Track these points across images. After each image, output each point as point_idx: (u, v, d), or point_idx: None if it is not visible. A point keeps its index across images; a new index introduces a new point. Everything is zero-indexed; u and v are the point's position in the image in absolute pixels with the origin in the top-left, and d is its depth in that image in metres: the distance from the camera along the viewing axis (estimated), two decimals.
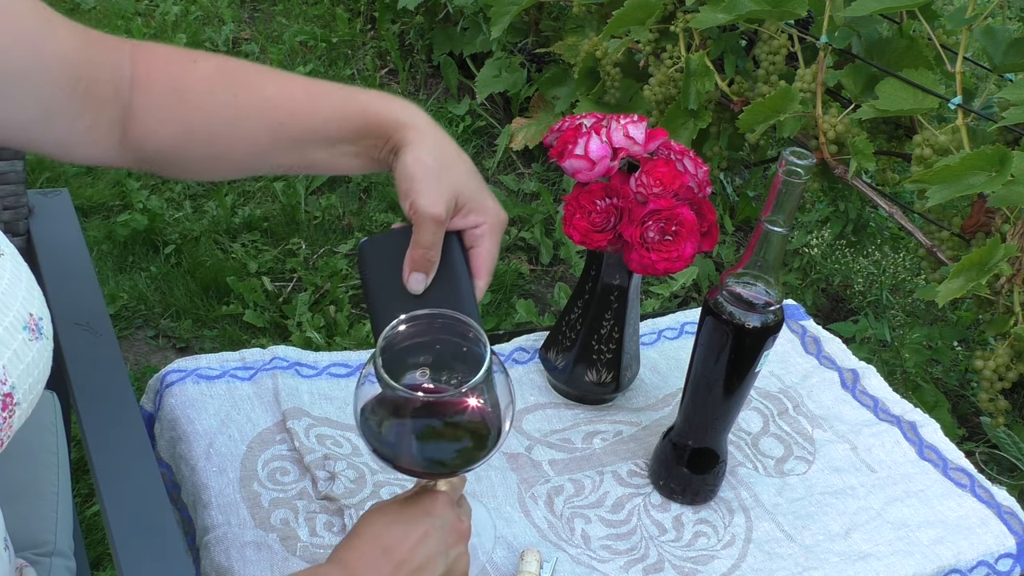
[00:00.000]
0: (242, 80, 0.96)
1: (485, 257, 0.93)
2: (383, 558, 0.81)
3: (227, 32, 3.46)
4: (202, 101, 0.94)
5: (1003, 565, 1.10)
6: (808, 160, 0.91)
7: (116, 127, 0.92)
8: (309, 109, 0.95)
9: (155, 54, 0.95)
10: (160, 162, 0.96)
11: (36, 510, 1.08)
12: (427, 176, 0.91)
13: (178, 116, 0.94)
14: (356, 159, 0.96)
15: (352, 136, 0.95)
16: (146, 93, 0.93)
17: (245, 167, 0.99)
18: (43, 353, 0.71)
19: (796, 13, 1.79)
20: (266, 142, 0.95)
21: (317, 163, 0.97)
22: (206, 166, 0.98)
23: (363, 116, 0.94)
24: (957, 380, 2.31)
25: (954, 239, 1.71)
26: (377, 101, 0.96)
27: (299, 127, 0.95)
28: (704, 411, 1.07)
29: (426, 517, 0.84)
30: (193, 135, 0.94)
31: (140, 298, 2.36)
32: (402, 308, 0.85)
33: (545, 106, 2.67)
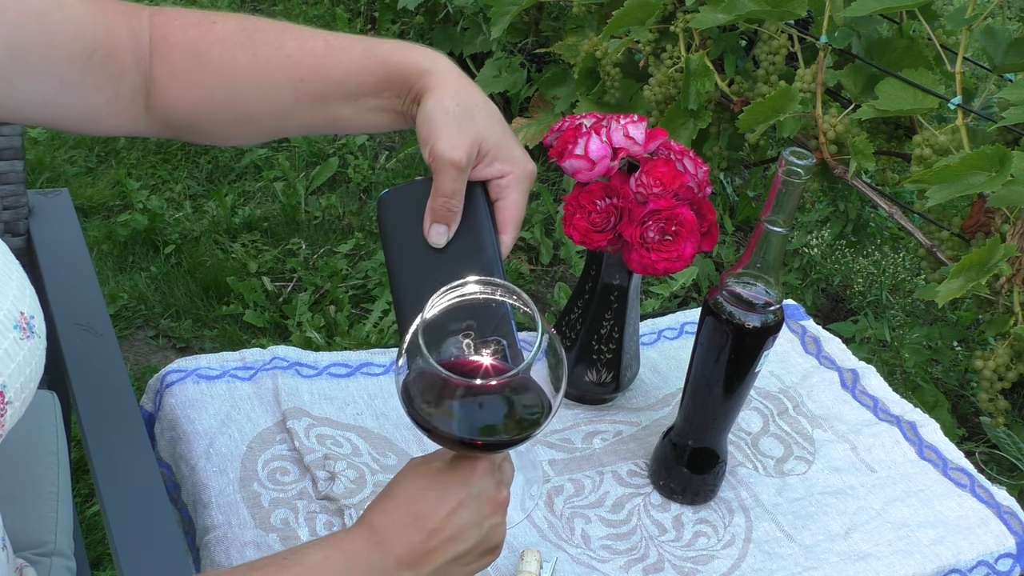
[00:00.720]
0: (261, 39, 0.93)
1: (512, 210, 0.89)
2: (414, 525, 0.79)
3: None
4: (222, 63, 0.92)
5: (1003, 565, 1.10)
6: (808, 160, 0.91)
7: (139, 96, 0.91)
8: (330, 63, 0.92)
9: (172, 18, 0.93)
10: (186, 128, 0.95)
11: (36, 510, 1.08)
12: (447, 120, 0.87)
13: (199, 81, 0.92)
14: (382, 114, 0.93)
15: (375, 89, 0.91)
16: (166, 59, 0.91)
17: (271, 128, 0.97)
18: (35, 352, 0.71)
19: (796, 13, 1.79)
20: (289, 100, 0.92)
21: (342, 119, 0.94)
22: (232, 130, 0.96)
23: (384, 67, 0.91)
24: (957, 380, 2.31)
25: (954, 239, 1.71)
26: (400, 50, 0.92)
27: (321, 83, 0.92)
28: (704, 411, 1.07)
29: (462, 486, 0.81)
30: (215, 99, 0.92)
31: (140, 298, 2.36)
32: (423, 264, 0.82)
33: (545, 106, 2.67)
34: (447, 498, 0.80)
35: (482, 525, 0.81)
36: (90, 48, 0.86)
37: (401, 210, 0.88)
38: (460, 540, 0.80)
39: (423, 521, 0.79)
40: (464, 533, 0.80)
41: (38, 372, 0.72)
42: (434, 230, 0.86)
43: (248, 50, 0.92)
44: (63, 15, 0.85)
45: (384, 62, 0.91)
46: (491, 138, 0.88)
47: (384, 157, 2.96)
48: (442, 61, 0.91)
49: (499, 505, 0.83)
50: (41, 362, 0.73)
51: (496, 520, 0.83)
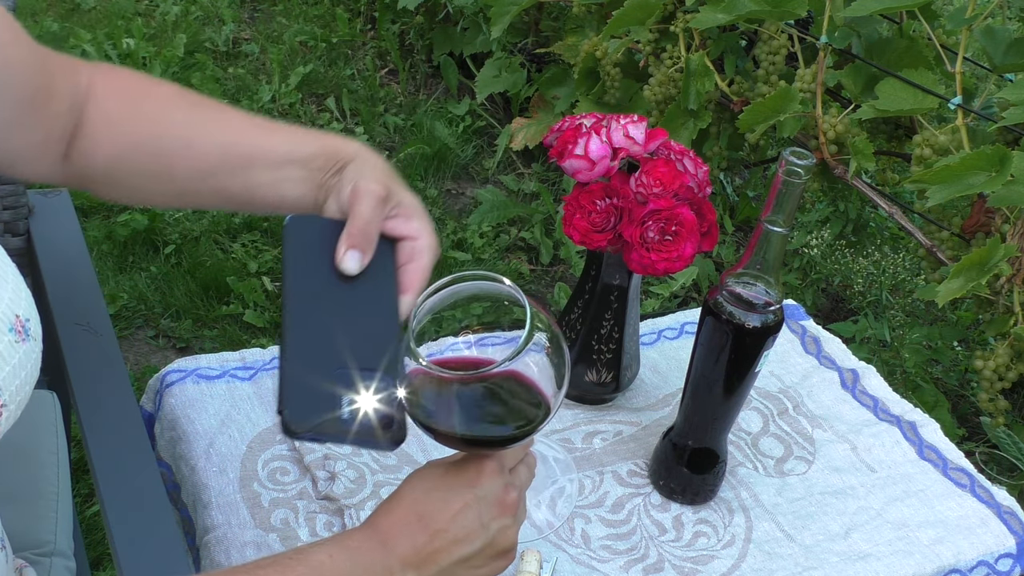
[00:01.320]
0: (201, 102, 0.96)
1: (419, 274, 0.86)
2: (418, 525, 0.79)
3: (227, 32, 3.46)
4: (157, 115, 0.94)
5: (1003, 565, 1.10)
6: (808, 160, 0.91)
7: (63, 143, 0.92)
8: (264, 129, 0.95)
9: (116, 73, 0.96)
10: (101, 178, 0.95)
11: (36, 510, 1.08)
12: (370, 169, 0.89)
13: (129, 128, 0.93)
14: (300, 185, 0.93)
15: (305, 157, 0.92)
16: (100, 104, 0.93)
17: (186, 188, 0.96)
18: (30, 355, 0.71)
19: (796, 13, 1.79)
20: (215, 160, 0.93)
21: (258, 187, 0.94)
22: (147, 184, 0.96)
23: (318, 141, 0.93)
24: (957, 380, 2.31)
25: (954, 239, 1.71)
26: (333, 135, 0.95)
27: (252, 145, 0.93)
28: (704, 411, 1.07)
29: (468, 488, 0.81)
30: (141, 148, 0.93)
31: (140, 298, 2.36)
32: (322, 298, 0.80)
33: (545, 106, 2.67)
34: (452, 499, 0.80)
35: (488, 527, 0.81)
36: (34, 88, 0.87)
37: (307, 239, 0.86)
38: (465, 542, 0.80)
39: (427, 522, 0.79)
40: (469, 535, 0.80)
41: (33, 375, 0.72)
42: (349, 255, 0.83)
43: (187, 110, 0.95)
44: (18, 52, 0.86)
45: (318, 138, 0.94)
46: (409, 199, 0.89)
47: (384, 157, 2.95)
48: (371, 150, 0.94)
49: (507, 507, 0.82)
50: (37, 365, 0.72)
51: (504, 523, 0.82)
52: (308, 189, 0.93)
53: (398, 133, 3.10)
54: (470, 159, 3.03)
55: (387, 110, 3.20)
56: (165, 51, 3.23)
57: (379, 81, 3.34)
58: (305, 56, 3.39)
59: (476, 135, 3.11)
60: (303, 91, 3.21)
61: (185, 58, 3.26)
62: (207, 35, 3.45)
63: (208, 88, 3.09)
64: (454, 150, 3.00)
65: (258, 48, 3.43)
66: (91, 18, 3.47)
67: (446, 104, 3.21)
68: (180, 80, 3.15)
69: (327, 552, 0.77)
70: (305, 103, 3.18)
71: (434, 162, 2.94)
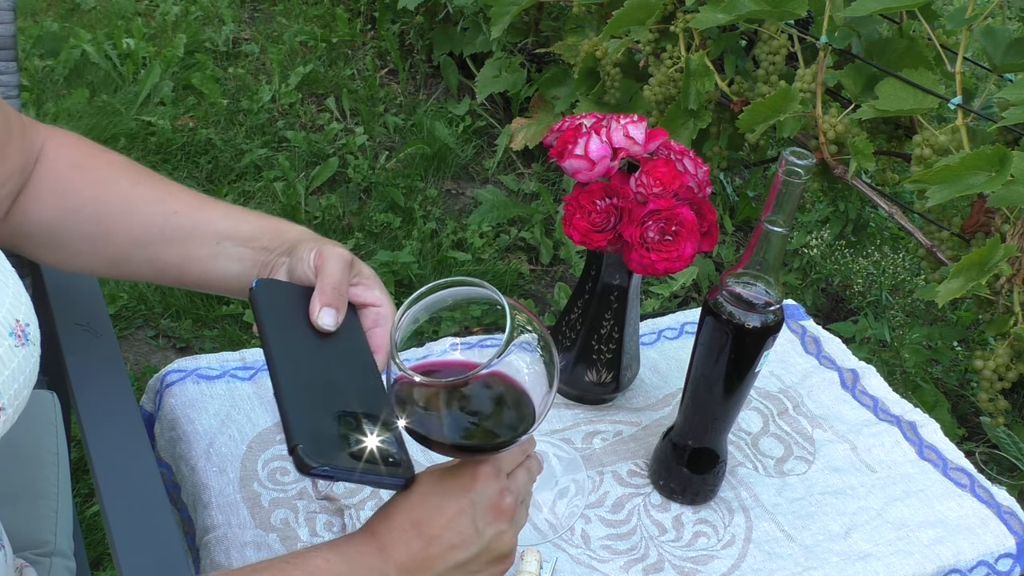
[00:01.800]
0: (147, 174, 0.98)
1: (385, 337, 0.88)
2: (413, 531, 0.80)
3: (227, 32, 3.46)
4: (103, 180, 0.96)
5: (1003, 565, 1.10)
6: (808, 160, 0.91)
7: (9, 200, 0.93)
8: (207, 204, 0.97)
9: (69, 137, 0.98)
10: (38, 237, 0.96)
11: (36, 510, 1.08)
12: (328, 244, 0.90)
13: (74, 189, 0.95)
14: (240, 263, 0.94)
15: (246, 236, 0.94)
16: (51, 166, 0.95)
17: (123, 255, 0.97)
18: (29, 359, 0.71)
19: (796, 13, 1.79)
20: (155, 229, 0.95)
21: (196, 260, 0.95)
22: (83, 247, 0.97)
23: (260, 221, 0.95)
24: (957, 380, 2.31)
25: (954, 239, 1.71)
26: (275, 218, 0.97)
27: (191, 218, 0.95)
28: (704, 411, 1.07)
29: (462, 493, 0.81)
30: (83, 211, 0.95)
31: (140, 298, 2.36)
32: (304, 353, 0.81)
33: (545, 106, 2.67)
34: (447, 505, 0.80)
35: (483, 533, 0.81)
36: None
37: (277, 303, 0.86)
38: (461, 548, 0.80)
39: (422, 528, 0.80)
40: (464, 541, 0.80)
41: (32, 380, 0.72)
42: (324, 312, 0.85)
43: (132, 178, 0.97)
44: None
45: (260, 216, 0.96)
46: (368, 271, 0.92)
47: (384, 157, 2.96)
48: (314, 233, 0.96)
49: (502, 512, 0.82)
50: (35, 370, 0.72)
51: (500, 528, 0.82)
52: (248, 267, 0.94)
53: (398, 133, 3.10)
54: (470, 159, 3.03)
55: (387, 110, 3.20)
56: (165, 51, 3.23)
57: (379, 81, 3.34)
58: (305, 56, 3.39)
59: (476, 135, 3.11)
60: (303, 91, 3.21)
61: (185, 58, 3.26)
62: (207, 35, 3.45)
63: (208, 88, 3.09)
64: (454, 150, 3.00)
65: (258, 48, 3.43)
66: (91, 18, 3.47)
67: (446, 104, 3.21)
68: (180, 80, 3.15)
69: (324, 556, 0.78)
70: (305, 103, 3.17)
71: (434, 162, 2.94)
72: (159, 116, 2.96)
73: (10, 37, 1.19)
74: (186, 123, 2.97)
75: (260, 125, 3.02)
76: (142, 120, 2.93)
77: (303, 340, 0.84)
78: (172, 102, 3.06)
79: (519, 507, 0.85)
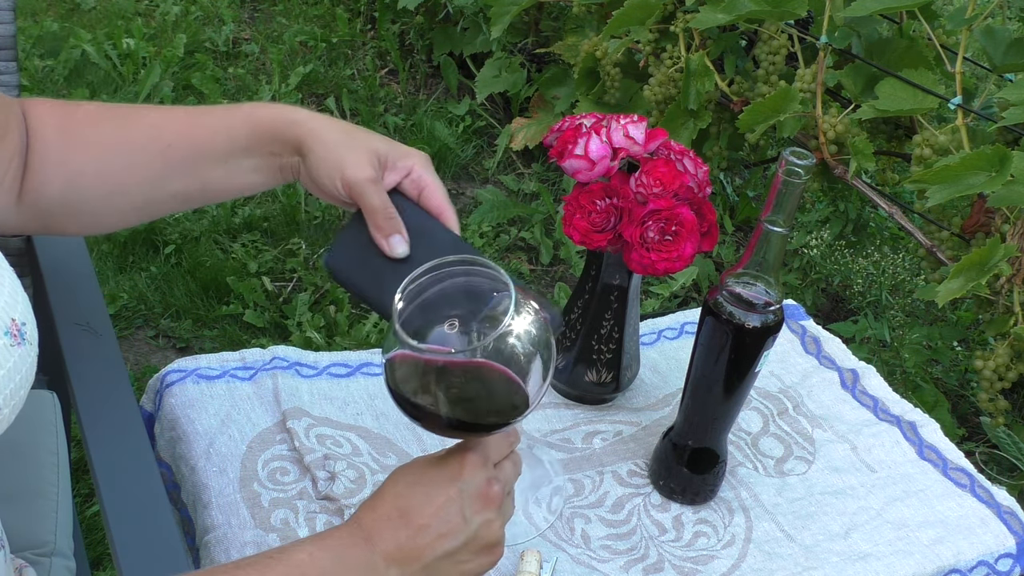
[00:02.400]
0: (123, 113, 0.98)
1: (436, 192, 0.93)
2: (400, 521, 0.79)
3: (227, 32, 3.46)
4: (90, 137, 0.96)
5: (1003, 565, 1.10)
6: (808, 160, 0.91)
7: (17, 183, 0.93)
8: (193, 126, 0.96)
9: (41, 105, 0.97)
10: (60, 212, 0.96)
11: (36, 510, 1.08)
12: (339, 149, 0.92)
13: (70, 157, 0.95)
14: (256, 174, 0.96)
15: (245, 146, 0.95)
16: (38, 139, 0.94)
17: (143, 199, 0.98)
18: (25, 359, 0.71)
19: (796, 13, 1.79)
20: (158, 167, 0.95)
21: (214, 182, 0.97)
22: (106, 205, 0.97)
23: (249, 124, 0.95)
24: (957, 380, 2.31)
25: (954, 239, 1.71)
26: (260, 107, 0.97)
27: (187, 146, 0.95)
28: (704, 411, 1.07)
29: (450, 482, 0.81)
30: (86, 173, 0.95)
31: (140, 298, 2.36)
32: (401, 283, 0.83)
33: (545, 106, 2.67)
34: (434, 494, 0.80)
35: (471, 521, 0.81)
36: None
37: (349, 259, 0.91)
38: (449, 536, 0.80)
39: (409, 517, 0.79)
40: (452, 529, 0.80)
41: (28, 379, 0.72)
42: (391, 243, 0.90)
43: (112, 123, 0.96)
44: None
45: (247, 118, 0.96)
46: (382, 146, 0.94)
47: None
48: (302, 110, 0.96)
49: (490, 500, 0.82)
50: (32, 369, 0.72)
51: (487, 516, 0.82)
52: (268, 175, 0.97)
53: (398, 133, 3.10)
54: (470, 159, 3.03)
55: (387, 110, 3.20)
56: (165, 51, 3.23)
57: (379, 81, 3.34)
58: (305, 56, 3.39)
59: (476, 135, 3.11)
60: (303, 91, 3.21)
61: (185, 58, 3.26)
62: (207, 35, 3.45)
63: (208, 88, 3.09)
64: (454, 150, 3.00)
65: (258, 48, 3.43)
66: (91, 18, 3.47)
67: (446, 104, 3.21)
68: (180, 80, 3.15)
69: (308, 551, 0.77)
70: (305, 103, 3.18)
71: (434, 162, 2.93)
72: None
73: (10, 37, 1.19)
74: None
75: None
76: None
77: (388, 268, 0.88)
78: (172, 102, 3.06)
79: (506, 497, 0.84)
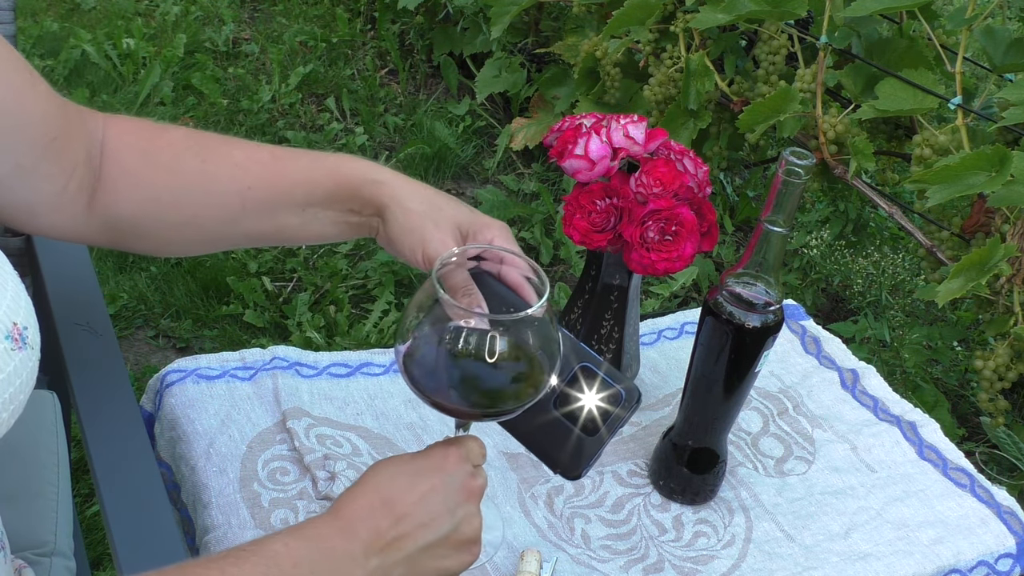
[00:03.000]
0: (210, 145, 0.97)
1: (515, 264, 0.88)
2: (381, 510, 0.77)
3: (227, 32, 3.46)
4: (171, 165, 0.95)
5: (1003, 565, 1.10)
6: (808, 160, 0.91)
7: (84, 192, 0.92)
8: (277, 172, 0.95)
9: (125, 122, 0.96)
10: (128, 229, 0.96)
11: (36, 510, 1.08)
12: (424, 223, 0.90)
13: (147, 180, 0.94)
14: (333, 226, 0.96)
15: (324, 200, 0.94)
16: (117, 158, 0.94)
17: (216, 235, 0.98)
18: (26, 363, 0.70)
19: (796, 13, 1.79)
20: (236, 207, 0.95)
21: (289, 229, 0.96)
22: (175, 234, 0.97)
23: (332, 178, 0.95)
24: (957, 380, 2.31)
25: (954, 239, 1.71)
26: (345, 162, 0.96)
27: (267, 190, 0.95)
28: (704, 411, 1.07)
29: (435, 472, 0.80)
30: (162, 200, 0.94)
31: (140, 298, 2.36)
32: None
33: (545, 106, 2.67)
34: (418, 483, 0.79)
35: (454, 512, 0.80)
36: (51, 135, 0.88)
37: None
38: (431, 527, 0.78)
39: (391, 506, 0.78)
40: (435, 520, 0.79)
41: (29, 384, 0.71)
42: None
43: (197, 155, 0.95)
44: (35, 97, 0.87)
45: (331, 173, 0.95)
46: (464, 219, 0.92)
47: (384, 157, 2.96)
48: (386, 170, 0.95)
49: (473, 493, 0.81)
50: (33, 374, 0.72)
51: (470, 509, 0.81)
52: (344, 230, 0.96)
53: (398, 133, 3.10)
54: (470, 159, 3.03)
55: (387, 110, 3.20)
56: (165, 51, 3.23)
57: (379, 81, 3.34)
58: (305, 56, 3.39)
59: (476, 135, 3.11)
60: (303, 91, 3.21)
61: (185, 58, 3.26)
62: (207, 35, 3.45)
63: (208, 88, 3.09)
64: (454, 150, 3.00)
65: (258, 48, 3.43)
66: (91, 18, 3.47)
67: (446, 104, 3.21)
68: (180, 80, 3.15)
69: (283, 541, 0.75)
70: (305, 103, 3.18)
71: (434, 162, 2.94)
72: (159, 116, 2.96)
73: (10, 37, 1.19)
74: (186, 123, 2.97)
75: (260, 125, 3.02)
76: None
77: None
78: (172, 102, 3.06)
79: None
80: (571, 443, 0.85)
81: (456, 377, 0.79)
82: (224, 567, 0.72)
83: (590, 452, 0.85)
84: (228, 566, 0.72)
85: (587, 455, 0.85)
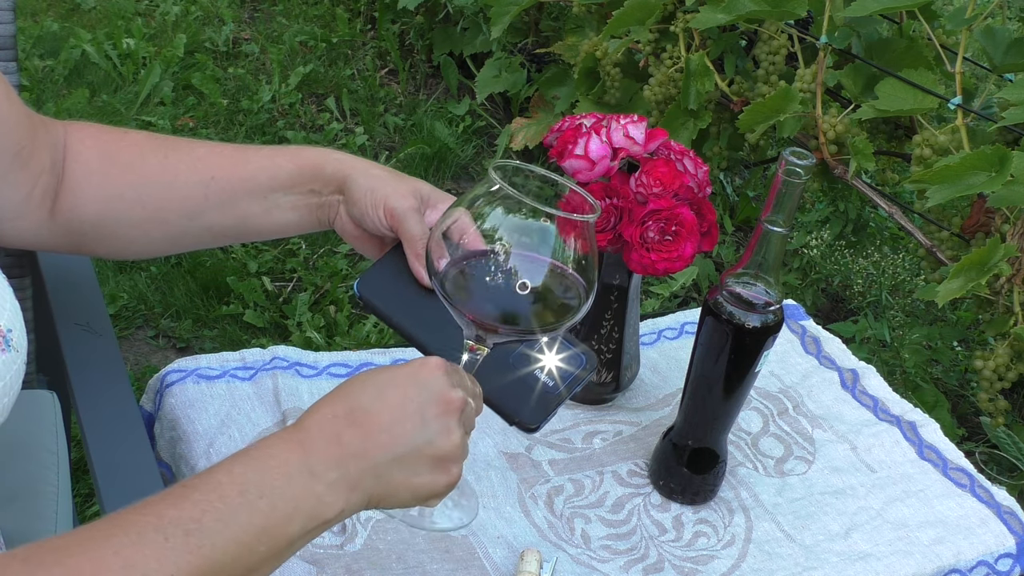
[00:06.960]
0: (172, 144, 0.99)
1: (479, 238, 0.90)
2: (345, 419, 0.71)
3: (227, 32, 3.45)
4: (133, 163, 0.96)
5: (1003, 565, 1.10)
6: (808, 160, 0.91)
7: (48, 198, 0.93)
8: (239, 160, 0.97)
9: (87, 127, 0.98)
10: (92, 233, 0.97)
11: (36, 510, 1.08)
12: (384, 181, 0.93)
13: (110, 180, 0.96)
14: (293, 212, 0.97)
15: (287, 182, 0.96)
16: (79, 160, 0.95)
17: (178, 229, 0.99)
18: (10, 365, 0.70)
19: (796, 13, 1.79)
20: (199, 198, 0.96)
21: (252, 218, 0.97)
22: (139, 232, 0.98)
23: (294, 162, 0.96)
24: (957, 380, 2.31)
25: (954, 239, 1.71)
26: (306, 149, 0.98)
27: (230, 179, 0.96)
28: (704, 411, 1.07)
29: (407, 380, 0.73)
30: (125, 197, 0.96)
31: (140, 298, 2.36)
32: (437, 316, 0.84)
33: (545, 106, 2.67)
34: (389, 392, 0.72)
35: (427, 423, 0.72)
36: (19, 144, 0.89)
37: (383, 287, 0.92)
38: (402, 437, 0.72)
39: (358, 415, 0.71)
40: (407, 430, 0.72)
41: (13, 386, 0.71)
42: None
43: (159, 152, 0.97)
44: (8, 107, 0.88)
45: (293, 157, 0.97)
46: (425, 187, 0.94)
47: (384, 157, 2.96)
48: (347, 154, 0.97)
49: (449, 405, 0.74)
50: (19, 376, 0.72)
51: (447, 422, 0.73)
52: (305, 214, 0.97)
53: (398, 133, 3.10)
54: (470, 159, 3.03)
55: (387, 110, 3.20)
56: (165, 51, 3.23)
57: (379, 81, 3.34)
58: (305, 56, 3.39)
59: (476, 135, 3.11)
60: (303, 91, 3.21)
61: (185, 58, 3.26)
62: (207, 35, 3.45)
63: (208, 88, 3.09)
64: (454, 150, 3.00)
65: (258, 48, 3.43)
66: (91, 18, 3.47)
67: (446, 104, 3.21)
68: (180, 80, 3.15)
69: (226, 470, 0.68)
70: (305, 103, 3.17)
71: (434, 162, 2.94)
72: (159, 116, 2.96)
73: (10, 37, 1.19)
74: (186, 123, 2.97)
75: (260, 125, 3.02)
76: (142, 120, 2.93)
77: (425, 301, 0.89)
78: (172, 102, 3.06)
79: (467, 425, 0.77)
80: (533, 398, 0.89)
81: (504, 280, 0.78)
82: (162, 510, 0.66)
83: (550, 407, 0.89)
84: (167, 508, 0.66)
85: (547, 409, 0.89)
